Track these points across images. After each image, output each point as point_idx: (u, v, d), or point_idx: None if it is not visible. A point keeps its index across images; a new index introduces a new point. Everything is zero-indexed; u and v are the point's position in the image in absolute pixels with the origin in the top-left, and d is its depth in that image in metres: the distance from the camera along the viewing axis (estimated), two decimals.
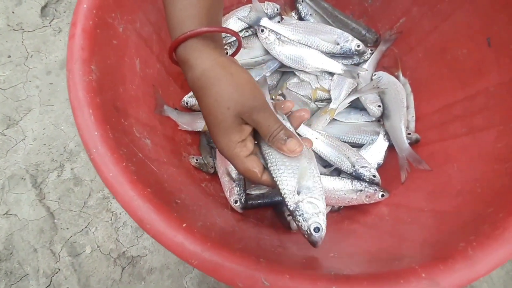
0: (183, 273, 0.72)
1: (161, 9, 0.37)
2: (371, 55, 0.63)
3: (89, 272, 0.72)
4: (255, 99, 0.32)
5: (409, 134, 0.55)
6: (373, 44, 0.64)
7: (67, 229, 0.75)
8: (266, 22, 0.61)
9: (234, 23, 0.63)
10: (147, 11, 0.49)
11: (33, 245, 0.73)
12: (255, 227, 0.47)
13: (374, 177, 0.53)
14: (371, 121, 0.61)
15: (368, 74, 0.63)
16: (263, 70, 0.63)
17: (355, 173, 0.54)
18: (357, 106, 0.62)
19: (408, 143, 0.54)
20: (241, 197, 0.52)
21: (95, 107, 0.33)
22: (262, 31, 0.60)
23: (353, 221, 0.51)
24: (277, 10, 0.64)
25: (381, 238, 0.42)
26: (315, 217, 0.32)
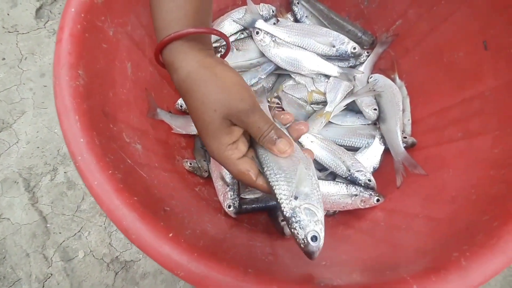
0: (176, 278, 0.71)
1: None
2: (367, 57, 0.63)
3: (82, 277, 0.71)
4: (242, 100, 0.30)
5: (405, 137, 0.54)
6: (369, 46, 0.63)
7: (60, 233, 0.74)
8: (261, 24, 0.61)
9: (229, 25, 0.63)
10: (139, 14, 0.48)
11: (25, 250, 0.73)
12: (248, 233, 0.47)
13: (369, 181, 0.52)
14: (367, 124, 0.60)
15: (364, 76, 0.62)
16: (258, 72, 0.62)
17: (350, 177, 0.53)
18: (353, 109, 0.61)
19: (404, 147, 0.53)
20: (234, 201, 0.51)
21: (81, 113, 0.32)
22: (257, 33, 0.60)
23: (348, 226, 0.50)
24: (273, 12, 0.64)
25: (375, 245, 0.41)
26: (313, 225, 0.29)
